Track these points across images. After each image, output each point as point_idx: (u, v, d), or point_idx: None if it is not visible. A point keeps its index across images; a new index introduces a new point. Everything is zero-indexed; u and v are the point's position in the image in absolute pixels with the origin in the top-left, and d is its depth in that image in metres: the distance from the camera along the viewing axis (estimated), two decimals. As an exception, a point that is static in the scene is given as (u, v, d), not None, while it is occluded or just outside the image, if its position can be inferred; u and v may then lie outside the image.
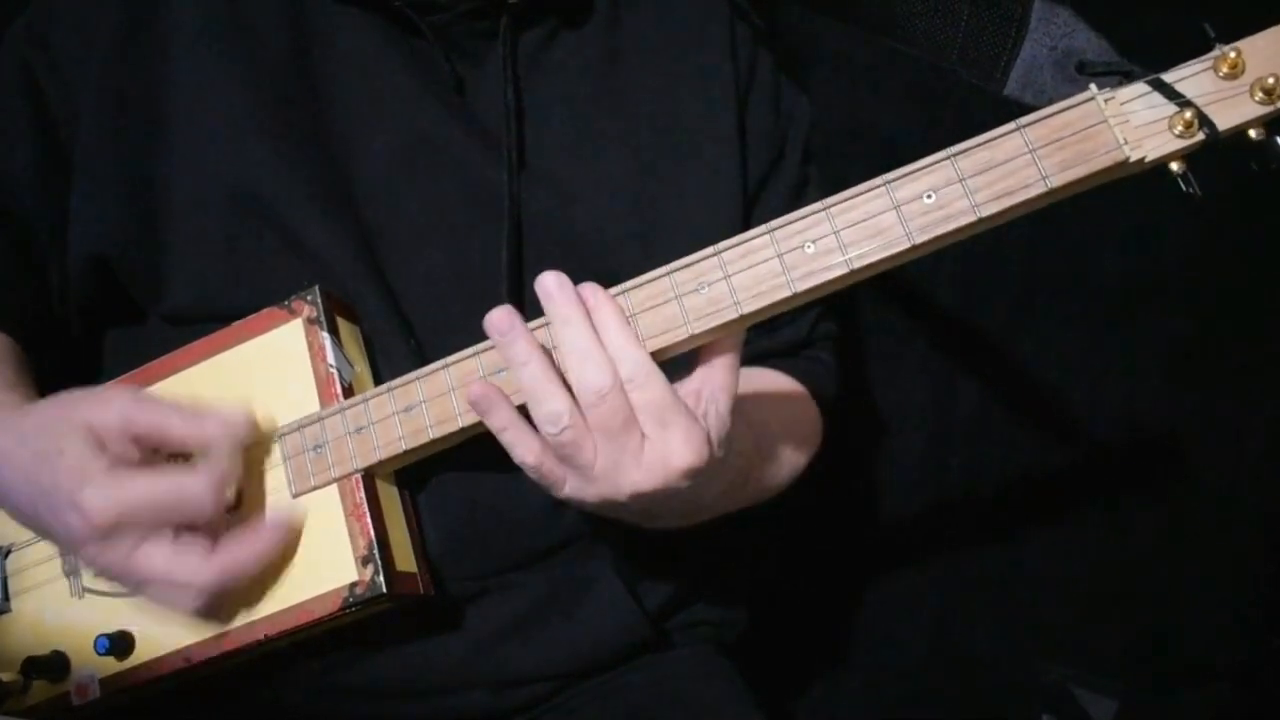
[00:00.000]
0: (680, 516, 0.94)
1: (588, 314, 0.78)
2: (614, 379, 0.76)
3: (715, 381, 0.80)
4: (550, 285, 0.78)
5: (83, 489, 0.80)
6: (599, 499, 0.80)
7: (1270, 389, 1.73)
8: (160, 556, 0.82)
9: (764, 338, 1.14)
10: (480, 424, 0.86)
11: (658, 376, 0.77)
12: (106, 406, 0.85)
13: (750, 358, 1.13)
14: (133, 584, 0.85)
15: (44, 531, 0.87)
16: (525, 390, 0.78)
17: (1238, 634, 1.77)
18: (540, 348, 0.79)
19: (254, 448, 0.91)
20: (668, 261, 0.80)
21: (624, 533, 1.06)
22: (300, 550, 0.89)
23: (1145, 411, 1.79)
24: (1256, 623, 1.76)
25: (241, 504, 0.91)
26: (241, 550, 0.84)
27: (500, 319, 0.79)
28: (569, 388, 0.78)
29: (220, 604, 0.86)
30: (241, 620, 0.88)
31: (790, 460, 1.10)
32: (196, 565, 0.82)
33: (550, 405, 0.77)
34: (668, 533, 1.12)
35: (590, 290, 0.79)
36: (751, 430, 1.00)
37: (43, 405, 0.89)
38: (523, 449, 0.80)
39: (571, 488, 0.81)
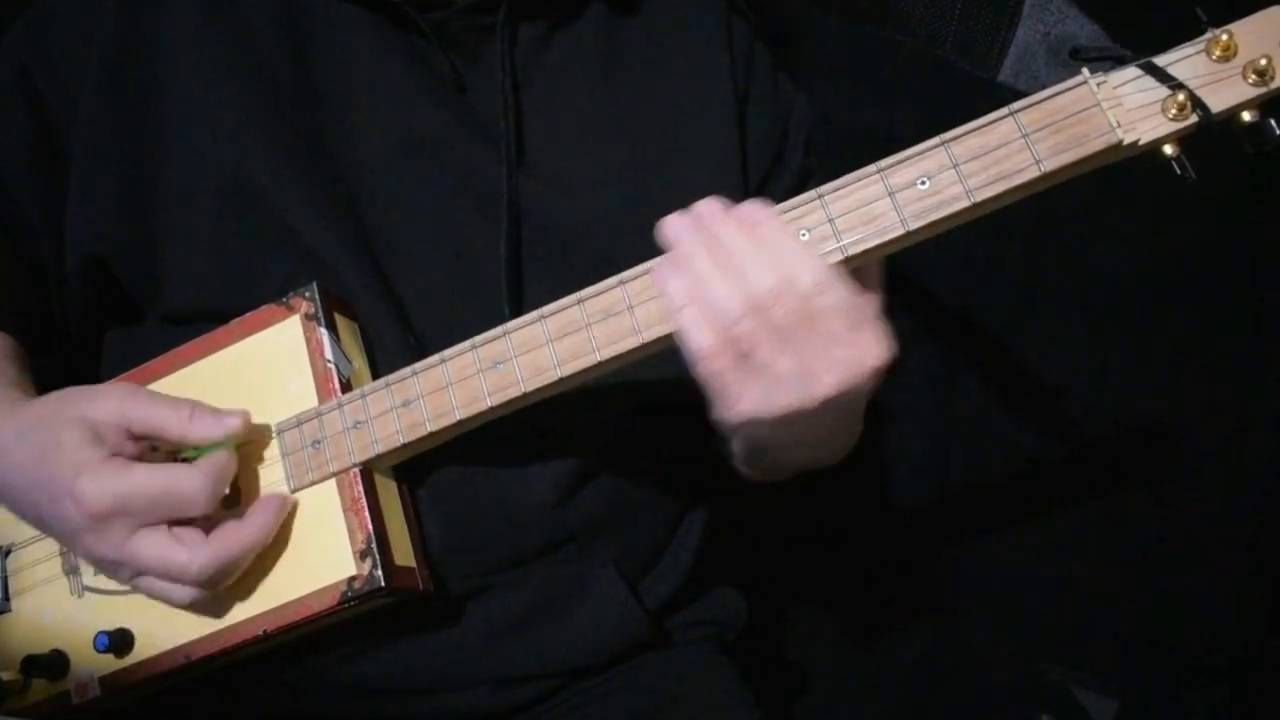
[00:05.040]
0: (841, 434, 0.95)
1: (751, 229, 0.78)
2: (784, 280, 0.75)
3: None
4: (709, 206, 0.79)
5: (78, 478, 0.81)
6: (788, 410, 0.78)
7: (1271, 388, 1.73)
8: (155, 544, 0.82)
9: None
10: (477, 418, 0.87)
11: (841, 278, 0.77)
12: (103, 401, 0.86)
13: None
14: (128, 573, 0.85)
15: (43, 525, 0.88)
16: (700, 277, 0.77)
17: (1238, 634, 1.76)
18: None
19: (252, 444, 0.92)
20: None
21: (625, 531, 1.07)
22: (299, 545, 0.89)
23: (1145, 411, 1.79)
24: (1256, 623, 1.75)
25: (240, 501, 0.91)
26: (235, 537, 0.84)
27: (673, 217, 0.80)
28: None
29: (216, 595, 0.86)
30: (241, 616, 0.88)
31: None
32: (191, 552, 0.82)
33: (723, 292, 0.76)
34: (669, 530, 1.13)
35: (751, 207, 0.79)
36: None
37: (41, 401, 0.89)
38: (700, 334, 0.77)
39: (753, 400, 0.79)
